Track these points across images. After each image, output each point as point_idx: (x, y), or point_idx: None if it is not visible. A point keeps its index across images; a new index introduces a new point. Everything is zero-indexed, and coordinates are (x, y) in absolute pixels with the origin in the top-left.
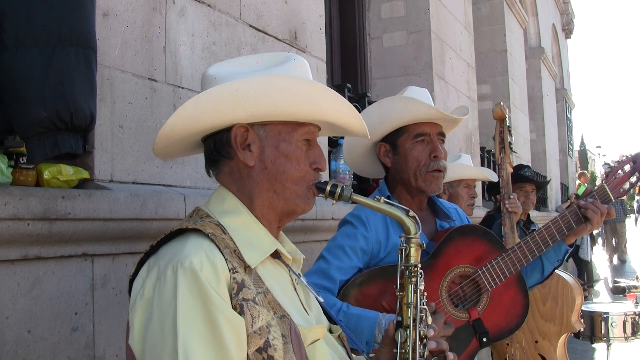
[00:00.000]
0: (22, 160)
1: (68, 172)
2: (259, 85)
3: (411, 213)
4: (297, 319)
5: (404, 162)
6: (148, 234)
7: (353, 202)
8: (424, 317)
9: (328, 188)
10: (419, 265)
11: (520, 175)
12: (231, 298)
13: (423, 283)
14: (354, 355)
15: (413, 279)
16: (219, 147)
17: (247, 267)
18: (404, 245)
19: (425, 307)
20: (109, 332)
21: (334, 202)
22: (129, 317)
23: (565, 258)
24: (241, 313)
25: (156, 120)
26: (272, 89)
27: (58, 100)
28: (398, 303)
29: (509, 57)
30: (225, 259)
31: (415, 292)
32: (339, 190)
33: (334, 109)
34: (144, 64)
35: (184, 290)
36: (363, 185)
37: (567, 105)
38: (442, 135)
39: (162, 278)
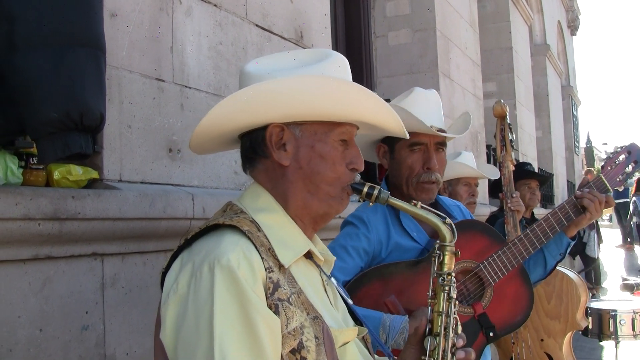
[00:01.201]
0: (33, 160)
1: (77, 172)
2: (294, 85)
3: (448, 220)
4: (328, 321)
5: (398, 167)
6: (157, 233)
7: (389, 205)
8: (454, 326)
9: (365, 190)
10: (453, 274)
11: (525, 170)
12: (267, 297)
13: (455, 291)
14: (375, 356)
15: (446, 287)
16: (254, 146)
17: (281, 267)
18: (438, 252)
19: (456, 315)
20: (119, 331)
21: (371, 203)
22: (161, 311)
23: (568, 252)
24: (276, 313)
25: (164, 120)
26: (306, 89)
27: (68, 101)
28: (429, 310)
29: (514, 54)
30: (262, 258)
31: (448, 300)
32: (376, 192)
33: (370, 108)
34: (152, 64)
35: (221, 288)
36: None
37: (573, 102)
38: (441, 144)
39: (197, 274)
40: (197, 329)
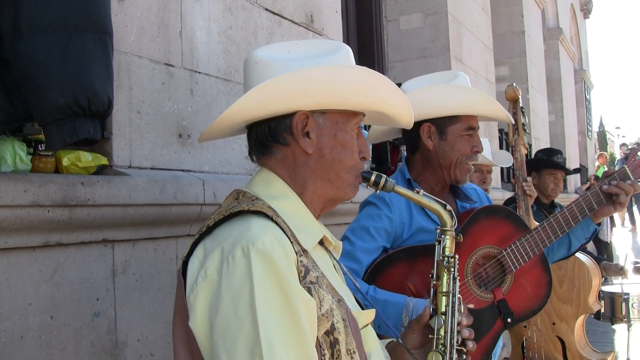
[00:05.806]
0: (41, 147)
1: (87, 158)
2: (334, 73)
3: (448, 207)
4: (347, 304)
5: (449, 149)
6: (167, 219)
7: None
8: (457, 305)
9: (373, 178)
10: (457, 257)
11: (553, 162)
12: (300, 281)
13: (457, 273)
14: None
15: (451, 269)
16: (275, 133)
17: (304, 251)
18: (441, 237)
19: (459, 295)
20: (130, 317)
21: (377, 190)
22: (189, 300)
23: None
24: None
25: (173, 105)
26: (345, 78)
27: (75, 87)
28: (433, 291)
29: (526, 38)
30: (291, 242)
31: (453, 281)
32: (383, 180)
33: (392, 101)
34: (161, 49)
35: (259, 272)
36: (382, 168)
37: (586, 86)
38: None
39: (229, 259)
40: (236, 314)
